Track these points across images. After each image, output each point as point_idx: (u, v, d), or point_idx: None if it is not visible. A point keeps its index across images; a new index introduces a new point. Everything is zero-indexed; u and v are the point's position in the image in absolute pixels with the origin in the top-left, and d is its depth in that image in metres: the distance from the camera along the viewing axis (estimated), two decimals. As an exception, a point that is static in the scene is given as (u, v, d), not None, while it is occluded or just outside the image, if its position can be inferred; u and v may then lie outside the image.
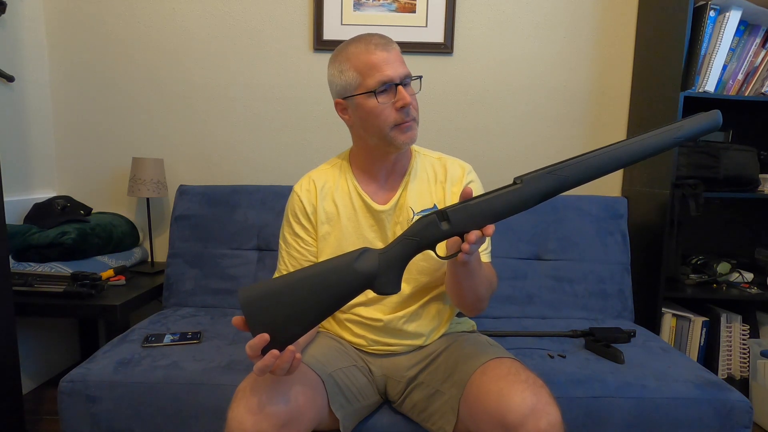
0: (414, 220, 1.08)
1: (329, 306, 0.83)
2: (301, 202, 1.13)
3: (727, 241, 1.98)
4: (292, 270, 1.12)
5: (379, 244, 1.10)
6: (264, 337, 0.78)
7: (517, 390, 0.85)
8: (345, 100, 1.06)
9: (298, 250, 1.13)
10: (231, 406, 0.88)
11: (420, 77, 1.06)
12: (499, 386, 0.88)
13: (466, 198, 0.83)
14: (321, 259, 1.11)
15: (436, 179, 1.13)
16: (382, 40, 1.02)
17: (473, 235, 0.80)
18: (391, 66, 0.99)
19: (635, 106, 1.92)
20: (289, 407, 0.87)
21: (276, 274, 1.16)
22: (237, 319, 0.81)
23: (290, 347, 0.80)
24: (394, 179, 1.12)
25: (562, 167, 0.80)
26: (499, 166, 1.99)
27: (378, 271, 0.83)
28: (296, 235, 1.13)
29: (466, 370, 0.97)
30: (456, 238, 0.85)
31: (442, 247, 0.93)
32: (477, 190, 1.13)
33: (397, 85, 1.00)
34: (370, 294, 1.10)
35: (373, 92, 0.99)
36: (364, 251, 0.85)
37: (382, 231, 1.11)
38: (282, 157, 2.00)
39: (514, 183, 0.81)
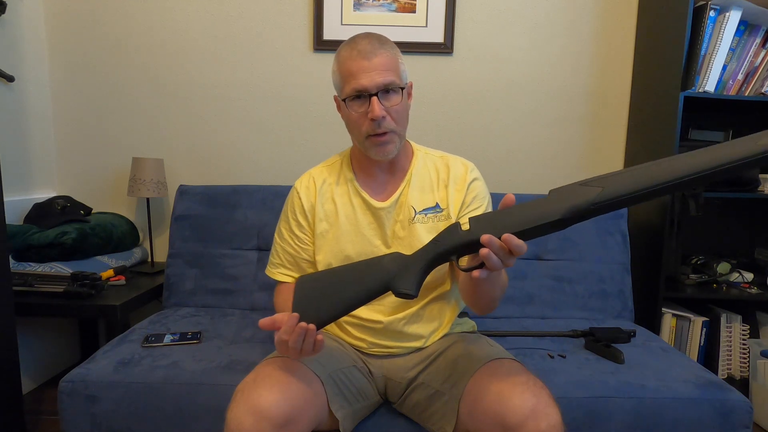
0: (415, 219, 1.08)
1: (355, 300, 0.86)
2: (300, 199, 1.14)
3: (727, 241, 1.98)
4: (287, 264, 1.16)
5: (377, 242, 1.10)
6: (294, 316, 0.85)
7: (517, 391, 0.85)
8: (338, 98, 1.08)
9: (294, 248, 1.14)
10: (230, 407, 0.88)
11: (402, 88, 1.01)
12: (499, 387, 0.88)
13: (505, 206, 0.78)
14: (318, 257, 1.12)
15: (439, 178, 1.13)
16: (369, 47, 0.98)
17: (487, 236, 0.74)
18: (368, 75, 0.97)
19: (635, 106, 1.92)
20: (288, 407, 0.87)
21: (269, 267, 1.19)
22: (265, 321, 0.89)
23: (311, 326, 0.85)
24: (394, 178, 1.12)
25: (599, 180, 0.69)
26: (499, 165, 1.99)
27: (398, 271, 0.84)
28: (292, 232, 1.15)
29: (467, 371, 0.97)
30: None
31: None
32: (480, 188, 1.13)
33: (372, 95, 0.97)
34: None
35: (345, 100, 1.01)
36: (394, 253, 0.89)
37: (380, 228, 1.11)
38: (282, 157, 2.00)
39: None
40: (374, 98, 0.97)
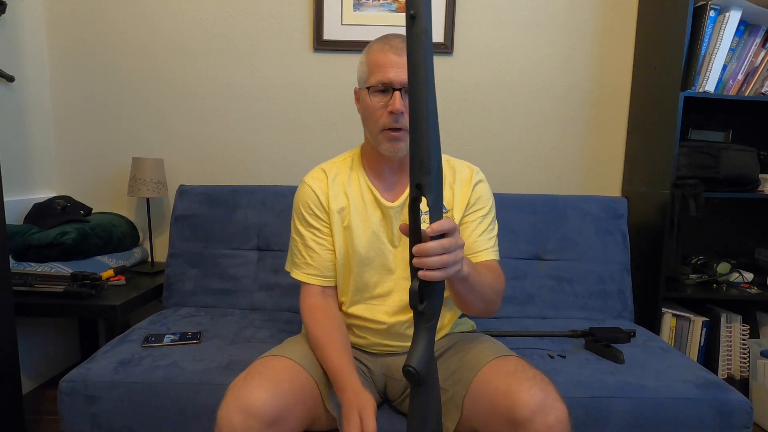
0: (422, 220, 1.09)
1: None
2: (314, 192, 1.12)
3: (727, 241, 1.98)
4: (312, 263, 1.11)
5: (385, 239, 1.11)
6: None
7: (525, 386, 0.86)
8: (359, 90, 1.09)
9: (316, 242, 1.11)
10: (221, 405, 0.88)
11: None
12: (506, 383, 0.88)
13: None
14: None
15: (445, 180, 1.13)
16: (401, 44, 1.01)
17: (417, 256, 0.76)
18: (395, 70, 0.99)
19: (635, 106, 1.92)
20: (278, 406, 0.87)
21: (290, 267, 1.15)
22: None
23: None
24: (403, 178, 1.12)
25: None
26: (500, 165, 1.99)
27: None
28: (310, 226, 1.12)
29: (472, 368, 0.97)
30: None
31: None
32: (485, 190, 1.14)
33: (395, 90, 1.00)
34: (374, 291, 1.11)
35: (368, 89, 1.02)
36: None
37: (388, 226, 1.11)
38: (282, 157, 2.00)
39: None
40: (397, 92, 0.99)
